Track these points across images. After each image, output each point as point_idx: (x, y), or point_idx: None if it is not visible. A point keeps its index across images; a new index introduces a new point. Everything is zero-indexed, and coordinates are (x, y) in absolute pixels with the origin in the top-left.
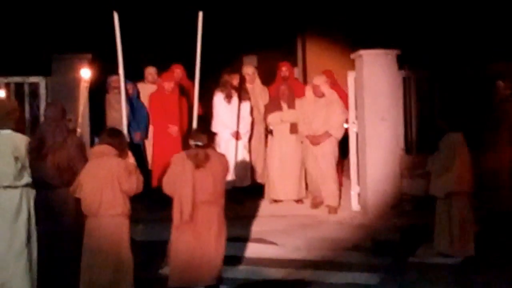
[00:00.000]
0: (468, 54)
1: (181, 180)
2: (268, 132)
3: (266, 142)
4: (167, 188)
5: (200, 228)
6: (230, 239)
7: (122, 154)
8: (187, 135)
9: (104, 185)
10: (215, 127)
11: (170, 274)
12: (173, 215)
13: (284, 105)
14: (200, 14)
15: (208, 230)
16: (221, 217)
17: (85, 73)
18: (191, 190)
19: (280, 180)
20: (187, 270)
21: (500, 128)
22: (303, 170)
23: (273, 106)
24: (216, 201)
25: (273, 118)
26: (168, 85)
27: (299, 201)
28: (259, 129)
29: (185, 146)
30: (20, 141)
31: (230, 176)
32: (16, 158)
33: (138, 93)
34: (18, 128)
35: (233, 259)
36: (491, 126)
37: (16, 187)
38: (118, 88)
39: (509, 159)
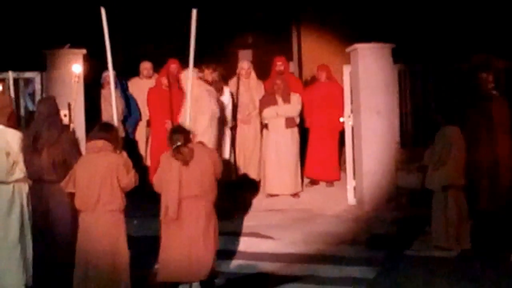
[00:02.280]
0: (459, 47)
1: (168, 177)
2: (263, 126)
3: (261, 136)
4: (156, 187)
5: (187, 223)
6: (227, 233)
7: (116, 149)
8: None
9: (103, 180)
10: None
11: (159, 269)
12: (160, 211)
13: (279, 99)
14: (194, 11)
15: (196, 225)
16: (210, 211)
17: (77, 68)
18: (177, 187)
19: (276, 174)
20: (175, 265)
21: (480, 123)
22: (299, 164)
23: (268, 100)
24: (204, 196)
25: (268, 112)
26: (165, 81)
27: (295, 195)
28: (255, 124)
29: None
30: (11, 136)
31: None
32: (8, 154)
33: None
34: (11, 123)
35: (229, 253)
36: (472, 120)
37: (8, 182)
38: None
39: (489, 155)
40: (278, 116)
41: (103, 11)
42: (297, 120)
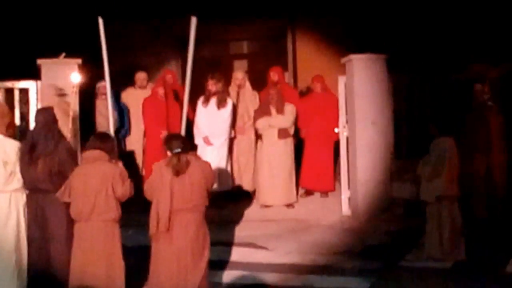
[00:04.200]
0: (454, 57)
1: (159, 188)
2: (257, 137)
3: (256, 147)
4: (147, 193)
5: (176, 236)
6: (221, 244)
7: (112, 159)
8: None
9: (98, 190)
10: (194, 131)
11: (149, 281)
12: (149, 223)
13: (273, 110)
14: (194, 19)
15: (184, 237)
16: (200, 223)
17: (75, 78)
18: (169, 200)
19: (268, 185)
20: (165, 278)
21: (476, 134)
22: (294, 175)
23: (262, 111)
24: (194, 208)
25: (261, 123)
26: (162, 91)
27: (289, 205)
28: (249, 134)
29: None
30: (10, 146)
31: None
32: (6, 163)
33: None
34: (10, 133)
35: (223, 263)
36: (468, 130)
37: (5, 192)
38: (106, 93)
39: (484, 166)
40: (270, 127)
41: (100, 21)
42: (291, 131)
